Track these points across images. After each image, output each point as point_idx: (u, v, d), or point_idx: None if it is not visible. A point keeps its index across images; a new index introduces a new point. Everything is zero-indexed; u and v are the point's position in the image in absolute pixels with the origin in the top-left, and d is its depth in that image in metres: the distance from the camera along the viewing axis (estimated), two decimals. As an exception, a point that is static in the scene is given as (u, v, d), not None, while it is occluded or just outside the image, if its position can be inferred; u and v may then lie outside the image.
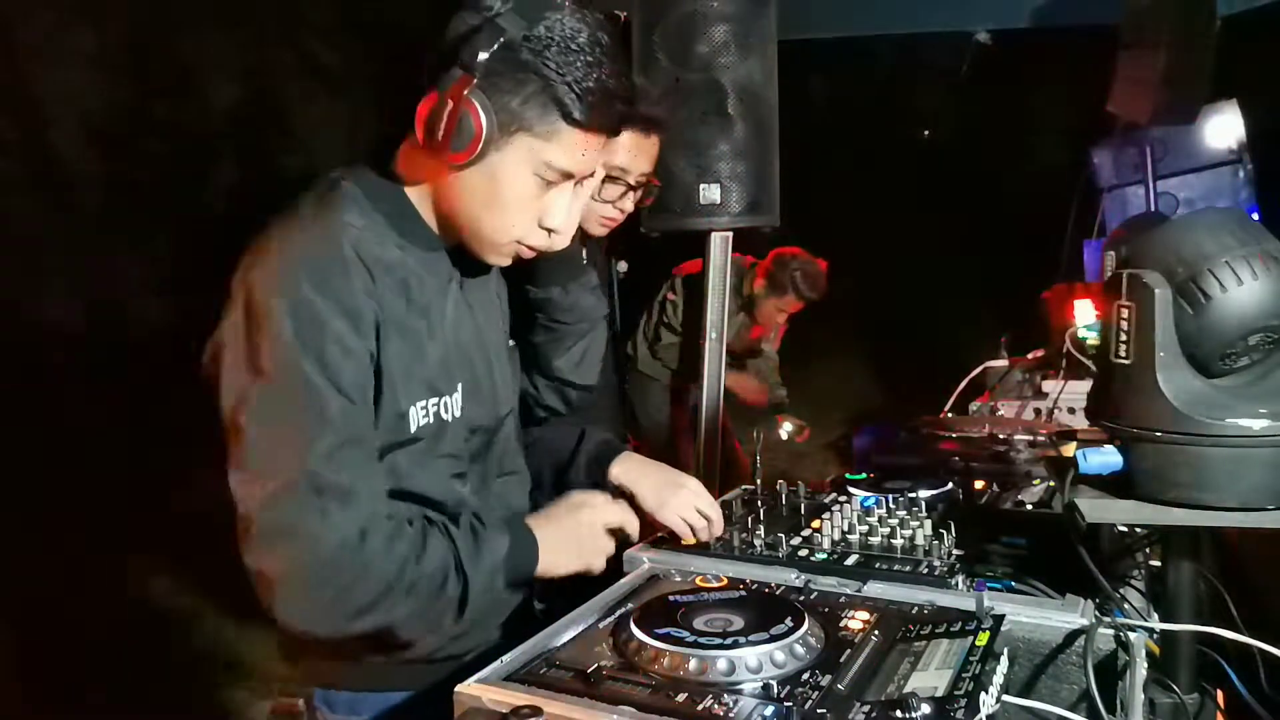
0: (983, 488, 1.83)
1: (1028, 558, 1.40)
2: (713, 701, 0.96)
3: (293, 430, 1.15)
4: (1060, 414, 2.52)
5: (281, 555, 1.14)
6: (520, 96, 1.18)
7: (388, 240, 1.27)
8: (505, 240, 1.29)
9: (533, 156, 1.22)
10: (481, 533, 1.28)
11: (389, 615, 1.19)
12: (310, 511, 1.13)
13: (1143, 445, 1.12)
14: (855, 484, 1.84)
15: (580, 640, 1.14)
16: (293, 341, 1.14)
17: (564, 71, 1.17)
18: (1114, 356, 1.14)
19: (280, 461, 1.14)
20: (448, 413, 1.31)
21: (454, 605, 1.24)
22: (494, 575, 1.27)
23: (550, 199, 1.27)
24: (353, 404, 1.18)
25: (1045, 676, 1.15)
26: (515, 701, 0.95)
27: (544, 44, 1.17)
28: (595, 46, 1.20)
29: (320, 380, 1.15)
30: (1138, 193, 3.51)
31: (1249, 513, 1.08)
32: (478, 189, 1.24)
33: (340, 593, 1.15)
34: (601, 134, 1.25)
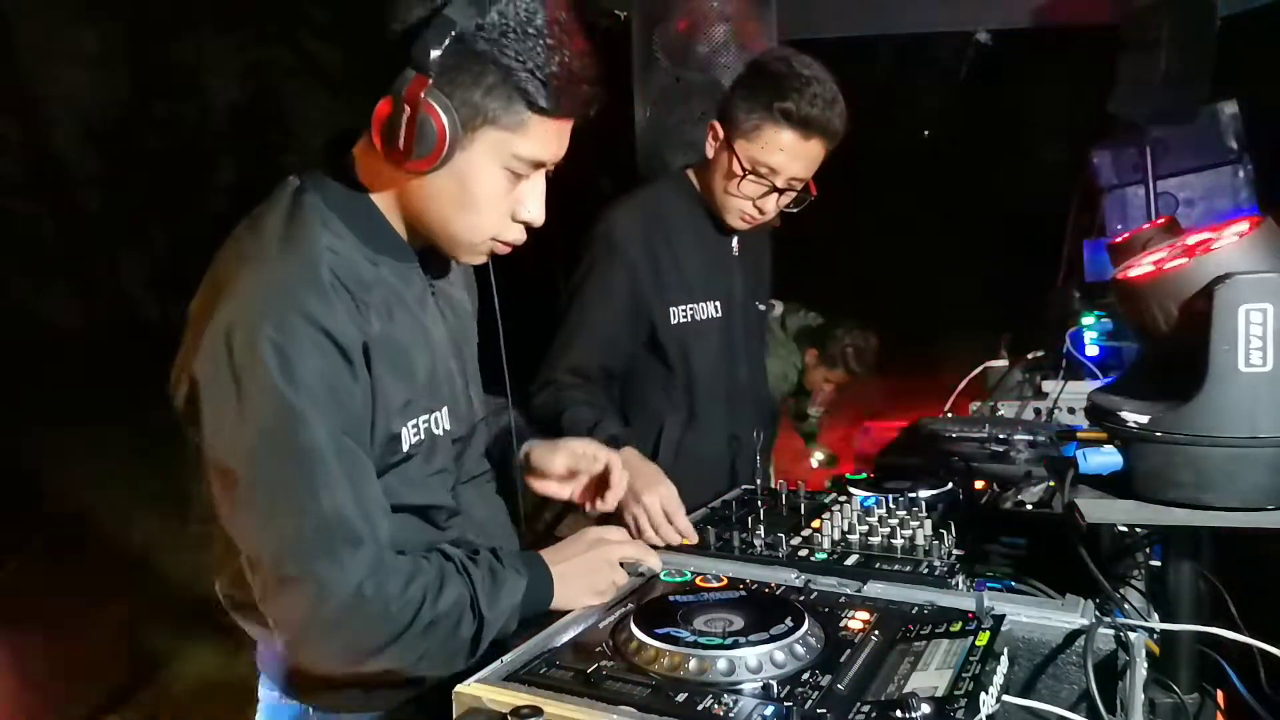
0: (983, 488, 1.83)
1: (1028, 558, 1.40)
2: (713, 701, 0.96)
3: (293, 477, 1.09)
4: (1060, 414, 2.52)
5: (295, 603, 1.10)
6: (481, 89, 1.12)
7: (361, 256, 1.21)
8: (480, 239, 1.24)
9: (501, 150, 1.16)
10: (500, 573, 1.23)
11: (403, 656, 1.16)
12: (321, 558, 1.09)
13: (1143, 445, 1.12)
14: (855, 484, 1.84)
15: (580, 640, 1.14)
16: (283, 384, 1.07)
17: (524, 58, 1.11)
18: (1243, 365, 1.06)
19: (282, 509, 1.09)
20: (438, 428, 1.28)
21: (468, 645, 1.19)
22: (510, 616, 1.23)
23: (522, 191, 1.22)
24: (352, 441, 1.13)
25: (1045, 676, 1.16)
26: (515, 701, 0.95)
27: (500, 31, 1.10)
28: (554, 26, 1.13)
29: (315, 420, 1.09)
30: (1138, 193, 3.50)
31: (1249, 513, 1.08)
32: (446, 191, 1.18)
33: (356, 637, 1.12)
34: (571, 118, 1.20)
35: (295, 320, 1.09)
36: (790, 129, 1.86)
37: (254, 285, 1.11)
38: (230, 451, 1.09)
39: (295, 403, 1.07)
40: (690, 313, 2.01)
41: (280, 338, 1.07)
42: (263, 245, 1.16)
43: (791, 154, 1.89)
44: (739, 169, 1.91)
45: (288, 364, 1.07)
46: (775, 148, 1.88)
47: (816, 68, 1.89)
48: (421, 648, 1.16)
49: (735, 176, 1.92)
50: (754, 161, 1.90)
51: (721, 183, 1.97)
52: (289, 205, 1.20)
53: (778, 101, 1.84)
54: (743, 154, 1.90)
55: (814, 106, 1.84)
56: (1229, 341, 1.06)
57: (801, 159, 1.90)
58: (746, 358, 2.13)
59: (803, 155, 1.90)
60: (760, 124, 1.87)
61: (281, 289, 1.11)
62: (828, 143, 1.91)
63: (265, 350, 1.07)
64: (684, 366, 2.01)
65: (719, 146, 1.96)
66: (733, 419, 2.08)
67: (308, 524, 1.09)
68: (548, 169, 1.24)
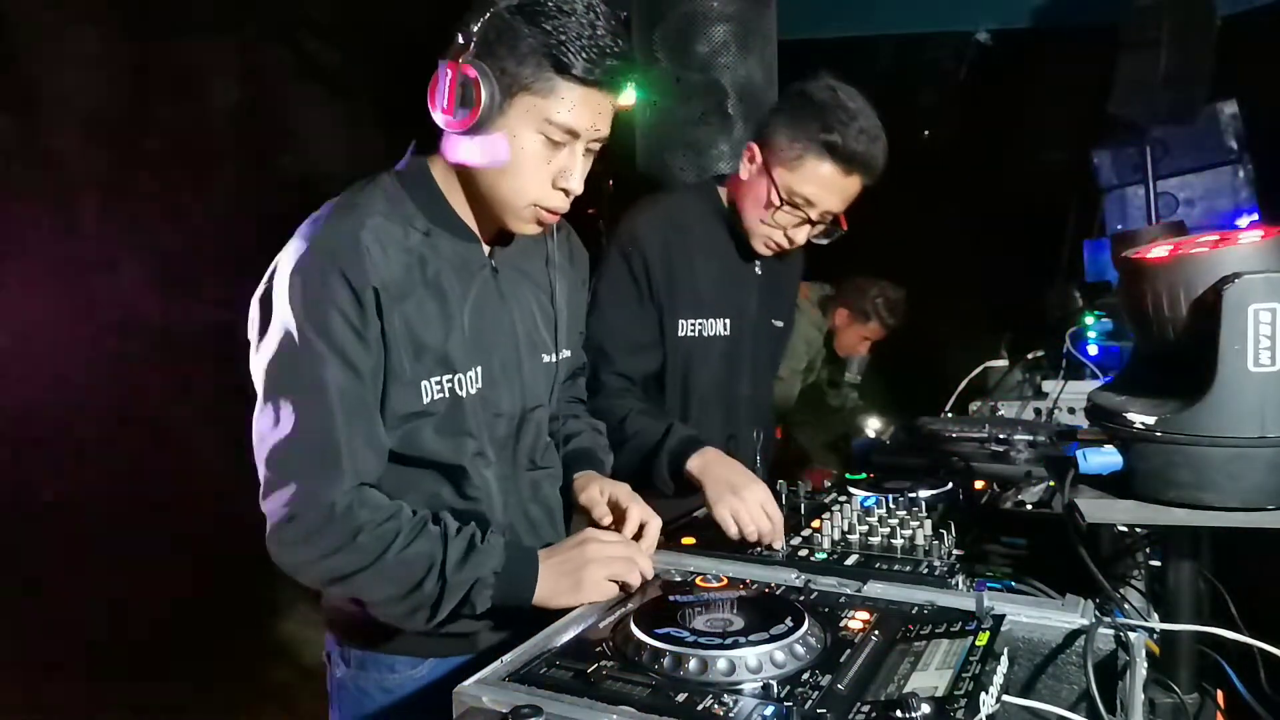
0: (983, 488, 1.83)
1: (1028, 558, 1.40)
2: (713, 701, 0.96)
3: (296, 400, 1.24)
4: (1060, 414, 2.52)
5: (279, 504, 1.24)
6: (515, 58, 1.25)
7: (413, 227, 1.35)
8: (523, 203, 1.34)
9: (535, 115, 1.28)
10: (478, 545, 1.30)
11: (363, 590, 1.28)
12: (304, 471, 1.24)
13: (1143, 445, 1.12)
14: (855, 484, 1.84)
15: (580, 640, 1.14)
16: (303, 321, 1.23)
17: (557, 31, 1.23)
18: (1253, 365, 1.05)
19: (283, 424, 1.25)
20: (462, 389, 1.36)
21: (428, 605, 1.27)
22: (476, 589, 1.27)
23: (561, 159, 1.32)
24: (357, 374, 1.26)
25: (1045, 676, 1.15)
26: (515, 701, 0.95)
27: (537, 8, 1.24)
28: (590, 11, 1.26)
29: (325, 349, 1.24)
30: (1138, 193, 3.50)
31: (1249, 513, 1.08)
32: (490, 154, 1.30)
33: (323, 553, 1.25)
34: (600, 90, 1.29)
35: (326, 268, 1.25)
36: (833, 162, 1.81)
37: (305, 239, 1.28)
38: (257, 368, 1.28)
39: (310, 337, 1.24)
40: (698, 328, 1.99)
41: (307, 281, 1.24)
42: (328, 209, 1.34)
43: (831, 188, 1.84)
44: (775, 198, 1.87)
45: (310, 304, 1.24)
46: (815, 180, 1.83)
47: (861, 100, 1.84)
48: (383, 587, 1.27)
49: (771, 205, 1.88)
50: (791, 191, 1.85)
51: (754, 208, 1.93)
52: (366, 181, 1.38)
53: (824, 133, 1.80)
54: (780, 182, 1.86)
55: (859, 142, 1.80)
56: (1239, 340, 1.05)
57: (840, 194, 1.86)
58: (751, 375, 2.11)
59: (841, 190, 1.86)
60: (803, 154, 1.82)
61: (322, 243, 1.27)
62: (867, 179, 1.86)
63: (294, 291, 1.24)
64: (682, 378, 2.00)
65: (756, 170, 1.91)
66: (728, 425, 2.07)
67: (299, 440, 1.24)
68: (589, 146, 1.34)
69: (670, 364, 1.99)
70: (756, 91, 2.70)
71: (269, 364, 1.26)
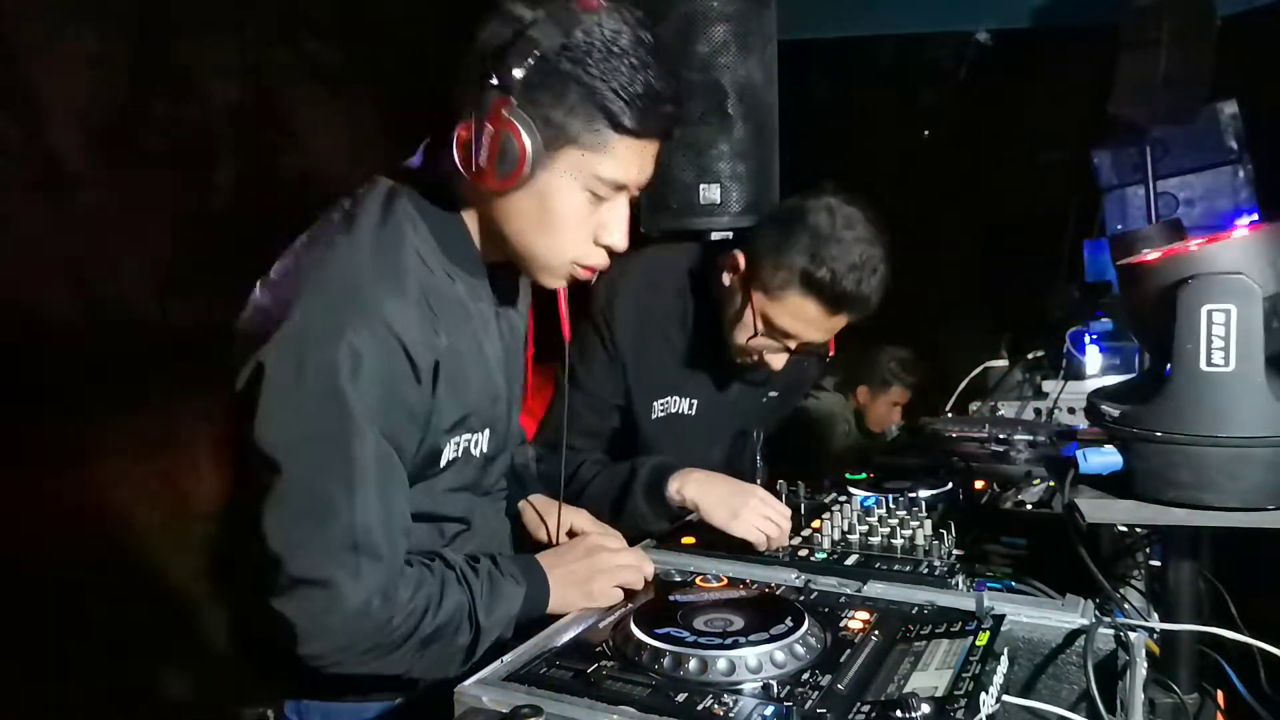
0: (983, 488, 1.83)
1: (1028, 558, 1.40)
2: (713, 701, 0.96)
3: (332, 483, 1.09)
4: (1060, 414, 2.52)
5: (307, 605, 1.10)
6: (563, 109, 1.11)
7: (441, 269, 1.22)
8: (560, 261, 1.22)
9: (582, 171, 1.15)
10: (499, 584, 1.24)
11: (401, 663, 1.17)
12: (343, 568, 1.09)
13: (1143, 445, 1.12)
14: (855, 484, 1.84)
15: (580, 640, 1.14)
16: (349, 391, 1.07)
17: (608, 77, 1.10)
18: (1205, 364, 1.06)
19: (314, 512, 1.09)
20: (476, 449, 1.28)
21: (463, 652, 1.21)
22: (507, 625, 1.24)
23: (604, 213, 1.20)
24: (398, 455, 1.14)
25: (1045, 676, 1.15)
26: (515, 701, 0.95)
27: (583, 51, 1.09)
28: (639, 48, 1.12)
29: (368, 433, 1.09)
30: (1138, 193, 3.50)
31: (1249, 513, 1.08)
32: (527, 211, 1.17)
33: (357, 643, 1.13)
34: (653, 140, 1.18)
35: (379, 329, 1.09)
36: (818, 301, 1.65)
37: (342, 285, 1.11)
38: (279, 443, 1.09)
39: (354, 412, 1.08)
40: (665, 407, 1.90)
41: (359, 344, 1.08)
42: (355, 244, 1.16)
43: (814, 326, 1.70)
44: (751, 324, 1.72)
45: (358, 372, 1.08)
46: (797, 315, 1.68)
47: (861, 227, 1.66)
48: (419, 655, 1.18)
49: (747, 329, 1.73)
50: (770, 322, 1.70)
51: (733, 321, 1.77)
52: (382, 206, 1.21)
53: (811, 267, 1.62)
54: (760, 308, 1.70)
55: (848, 281, 1.62)
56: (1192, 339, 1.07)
57: (823, 330, 1.72)
58: (727, 442, 2.02)
59: (826, 328, 1.71)
60: (786, 285, 1.66)
61: (369, 294, 1.11)
62: (856, 317, 1.71)
63: (342, 354, 1.07)
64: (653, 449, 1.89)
65: (736, 281, 1.75)
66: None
67: (335, 532, 1.09)
68: (630, 192, 1.22)
69: (643, 442, 1.91)
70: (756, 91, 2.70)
71: (297, 439, 1.08)
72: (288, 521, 1.10)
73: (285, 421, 1.09)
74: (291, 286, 1.13)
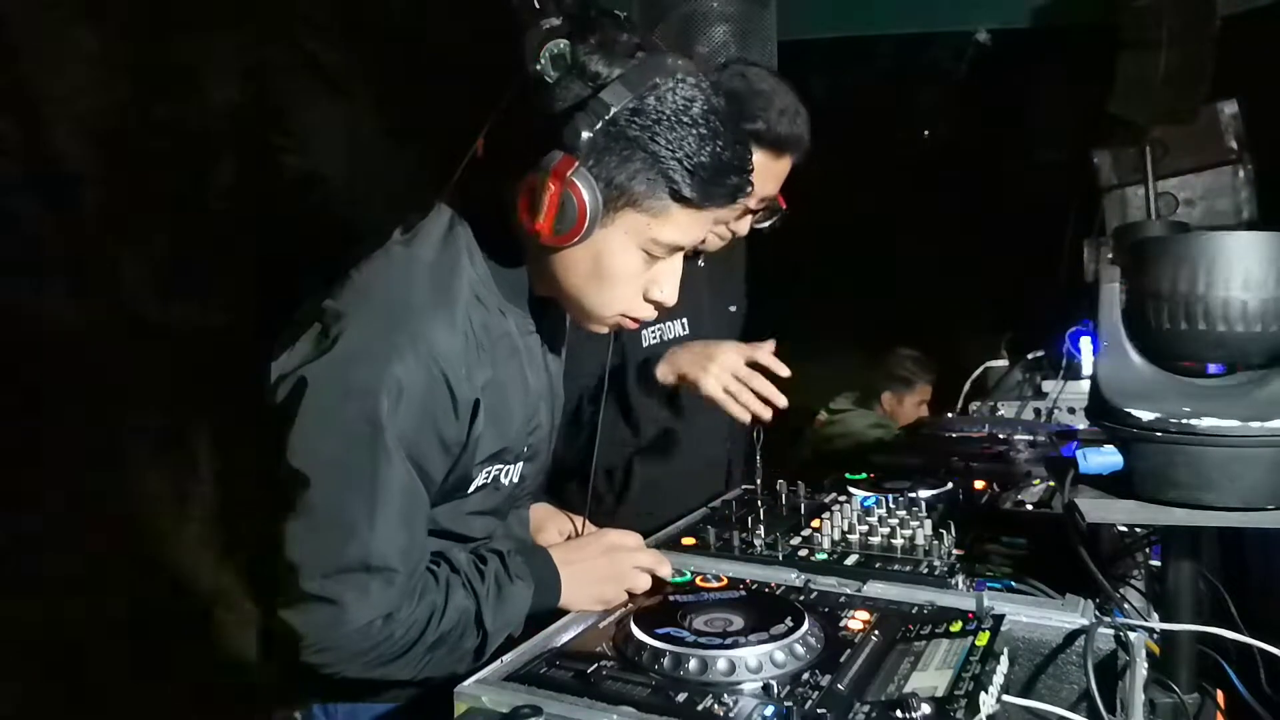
0: (983, 488, 1.83)
1: (1028, 558, 1.40)
2: (713, 701, 0.96)
3: (357, 505, 1.10)
4: (1060, 414, 2.52)
5: (314, 619, 1.11)
6: (626, 173, 1.11)
7: (494, 304, 1.23)
8: (610, 314, 1.24)
9: (640, 233, 1.16)
10: (506, 586, 1.24)
11: (405, 670, 1.18)
12: (355, 587, 1.10)
13: (1143, 445, 1.12)
14: (855, 484, 1.84)
15: (580, 640, 1.15)
16: (388, 419, 1.08)
17: (674, 147, 1.10)
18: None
19: (335, 530, 1.10)
20: (506, 478, 1.29)
21: (470, 655, 1.21)
22: (516, 626, 1.24)
23: (657, 271, 1.22)
24: (426, 486, 1.15)
25: (1045, 676, 1.15)
26: (515, 701, 0.95)
27: (653, 119, 1.10)
28: (710, 115, 1.12)
29: (400, 462, 1.11)
30: (1138, 193, 3.51)
31: (1249, 513, 1.08)
32: (582, 264, 1.18)
33: (362, 655, 1.14)
34: (715, 209, 1.18)
35: (425, 359, 1.10)
36: (761, 149, 1.74)
37: (395, 309, 1.13)
38: (311, 460, 1.10)
39: (388, 442, 1.09)
40: (659, 333, 1.95)
41: (403, 374, 1.09)
42: (413, 267, 1.17)
43: (764, 174, 1.76)
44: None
45: (400, 401, 1.09)
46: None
47: (772, 79, 1.80)
48: (425, 661, 1.18)
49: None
50: None
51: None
52: (444, 234, 1.22)
53: (746, 123, 1.71)
54: None
55: (782, 124, 1.75)
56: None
57: (773, 178, 1.82)
58: None
59: (774, 174, 1.82)
60: None
61: (420, 322, 1.12)
62: (798, 157, 1.83)
63: (387, 383, 1.08)
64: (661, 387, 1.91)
65: None
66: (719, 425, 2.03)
67: (351, 552, 1.10)
68: (686, 251, 1.23)
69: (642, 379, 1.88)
70: (756, 91, 2.70)
71: (335, 463, 1.09)
72: (308, 536, 1.11)
73: (321, 441, 1.10)
74: (348, 301, 1.14)
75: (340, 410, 1.09)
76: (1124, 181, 3.59)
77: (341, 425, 1.09)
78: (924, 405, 4.04)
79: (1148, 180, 3.40)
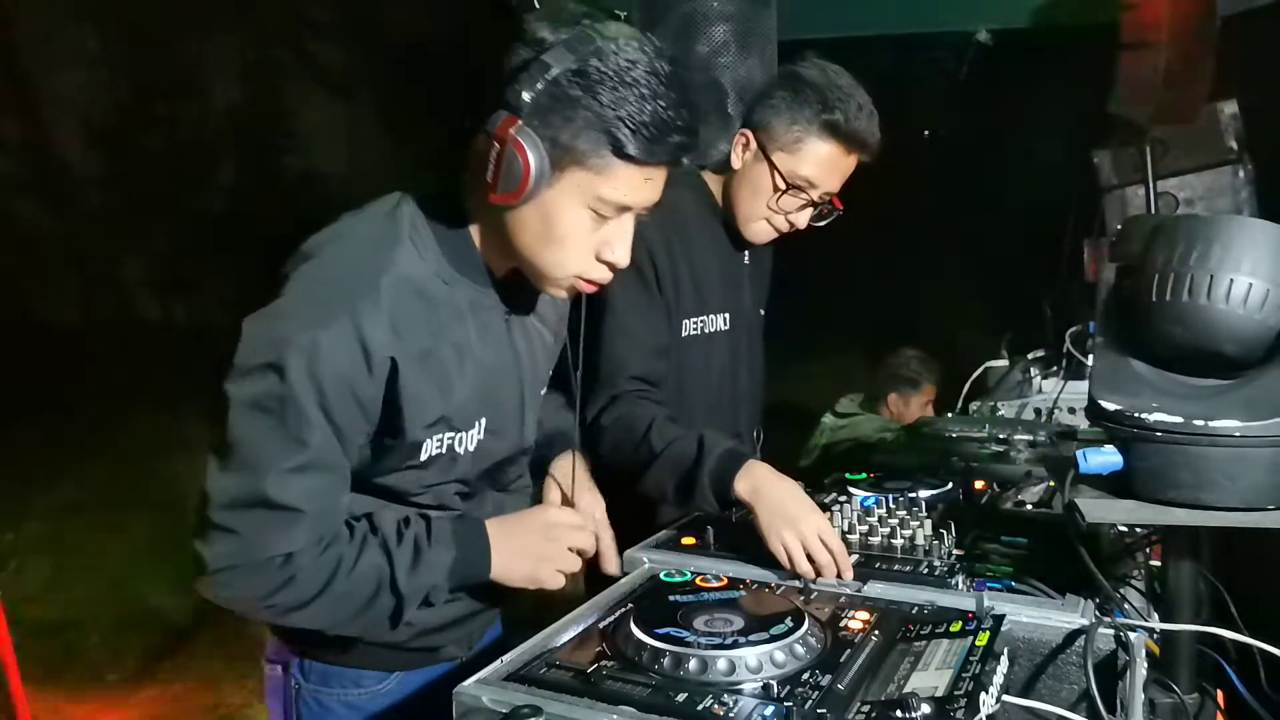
0: (983, 488, 1.83)
1: (1028, 558, 1.40)
2: (713, 701, 0.96)
3: (271, 444, 1.16)
4: (1060, 414, 2.52)
5: (217, 547, 1.16)
6: (570, 131, 1.15)
7: (435, 273, 1.26)
8: (563, 275, 1.27)
9: (586, 191, 1.19)
10: (425, 550, 1.26)
11: (316, 618, 1.22)
12: (255, 522, 1.15)
13: (1143, 445, 1.12)
14: (855, 484, 1.84)
15: (580, 640, 1.14)
16: (302, 374, 1.14)
17: (616, 106, 1.14)
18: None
19: (248, 467, 1.16)
20: (461, 446, 1.30)
21: (387, 617, 1.24)
22: (432, 591, 1.26)
23: (608, 231, 1.24)
24: (338, 436, 1.18)
25: (1045, 676, 1.16)
26: (515, 701, 0.96)
27: (595, 79, 1.13)
28: (653, 77, 1.16)
29: (313, 408, 1.15)
30: (1138, 193, 3.50)
31: (1249, 513, 1.08)
32: (532, 225, 1.22)
33: (263, 593, 1.18)
34: (659, 166, 1.21)
35: (341, 321, 1.16)
36: (835, 142, 1.81)
37: (322, 275, 1.20)
38: (234, 398, 1.17)
39: (299, 391, 1.14)
40: (700, 325, 1.96)
41: (322, 330, 1.15)
42: (344, 239, 1.25)
43: (833, 168, 1.84)
44: (780, 183, 1.84)
45: (316, 354, 1.14)
46: (817, 161, 1.83)
47: (848, 78, 1.85)
48: (334, 613, 1.22)
49: (775, 190, 1.85)
50: (794, 175, 1.83)
51: (753, 196, 1.89)
52: (388, 211, 1.28)
53: (825, 114, 1.79)
54: (783, 166, 1.84)
55: (859, 119, 1.80)
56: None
57: (840, 173, 1.86)
58: (748, 368, 2.10)
59: (842, 169, 1.86)
60: (803, 136, 1.82)
61: (341, 288, 1.19)
62: (865, 158, 1.87)
63: (305, 337, 1.14)
64: (684, 377, 1.95)
65: (751, 157, 1.88)
66: (732, 425, 2.06)
67: (254, 486, 1.15)
68: (636, 212, 1.26)
69: (674, 366, 1.94)
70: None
71: (252, 405, 1.16)
72: (219, 470, 1.17)
73: (240, 385, 1.16)
74: (293, 265, 1.22)
75: (259, 359, 1.15)
76: (1124, 181, 3.59)
77: (258, 373, 1.15)
78: (930, 406, 4.03)
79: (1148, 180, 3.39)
